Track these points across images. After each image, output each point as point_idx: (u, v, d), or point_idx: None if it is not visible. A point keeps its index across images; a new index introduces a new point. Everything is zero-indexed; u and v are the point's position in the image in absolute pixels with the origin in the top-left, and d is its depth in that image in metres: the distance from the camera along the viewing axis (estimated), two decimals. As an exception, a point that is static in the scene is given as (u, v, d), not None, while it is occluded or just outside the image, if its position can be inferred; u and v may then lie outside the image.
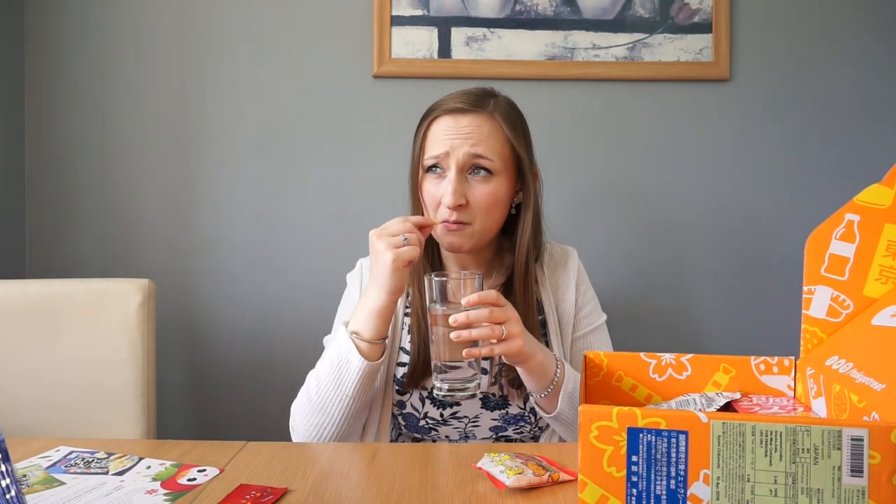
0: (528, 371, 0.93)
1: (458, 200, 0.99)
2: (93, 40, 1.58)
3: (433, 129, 1.03)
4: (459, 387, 0.88)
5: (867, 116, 1.62)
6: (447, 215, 1.00)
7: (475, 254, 1.09)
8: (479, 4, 1.57)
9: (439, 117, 1.04)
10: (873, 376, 0.54)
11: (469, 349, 0.86)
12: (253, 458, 0.83)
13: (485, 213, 1.02)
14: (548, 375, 0.94)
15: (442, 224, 1.01)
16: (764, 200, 1.62)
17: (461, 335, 0.85)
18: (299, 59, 1.60)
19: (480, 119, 1.03)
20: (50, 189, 1.59)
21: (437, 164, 1.02)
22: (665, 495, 0.50)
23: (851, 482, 0.47)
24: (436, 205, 1.02)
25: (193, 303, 1.60)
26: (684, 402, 0.68)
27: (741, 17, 1.60)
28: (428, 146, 1.03)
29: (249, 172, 1.60)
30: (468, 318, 0.85)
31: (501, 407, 1.04)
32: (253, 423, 1.60)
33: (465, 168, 1.01)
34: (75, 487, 0.74)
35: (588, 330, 1.11)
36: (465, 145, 1.00)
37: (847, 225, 0.64)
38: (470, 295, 0.87)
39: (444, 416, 1.03)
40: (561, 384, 0.95)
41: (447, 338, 0.86)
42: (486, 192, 1.01)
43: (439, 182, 1.02)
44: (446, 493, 0.72)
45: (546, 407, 0.97)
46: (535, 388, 0.96)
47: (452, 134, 1.01)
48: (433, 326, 0.89)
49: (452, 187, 0.99)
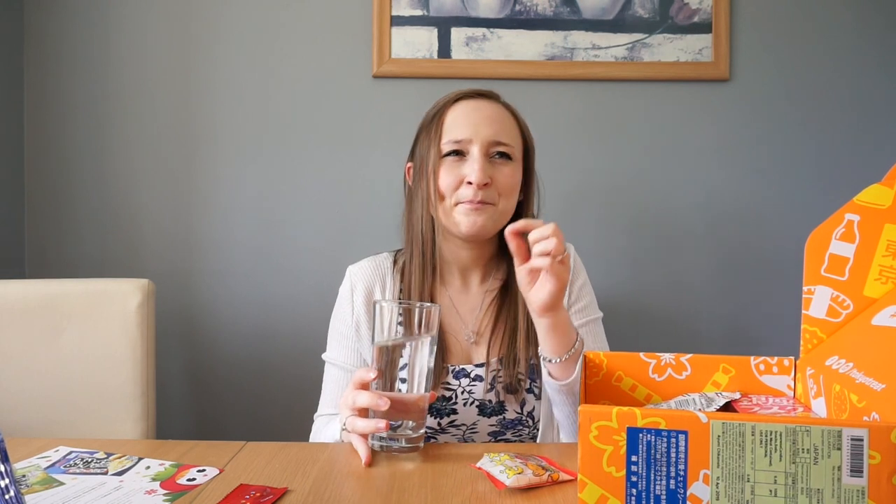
0: (554, 326, 0.90)
1: (485, 178, 0.99)
2: (93, 41, 1.58)
3: (452, 114, 1.03)
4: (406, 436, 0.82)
5: (867, 116, 1.62)
6: (471, 195, 0.99)
7: (481, 248, 1.08)
8: (479, 4, 1.57)
9: (457, 102, 1.04)
10: (873, 376, 0.54)
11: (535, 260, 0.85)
12: (253, 458, 0.82)
13: (508, 194, 1.03)
14: (570, 337, 0.92)
15: (464, 204, 1.00)
16: (764, 200, 1.62)
17: (545, 246, 0.84)
18: (299, 60, 1.60)
19: (499, 108, 1.06)
20: (50, 189, 1.59)
21: (457, 149, 1.02)
22: (665, 495, 0.50)
23: (851, 482, 0.47)
24: (454, 187, 1.01)
25: (193, 303, 1.60)
26: (684, 402, 0.68)
27: (741, 17, 1.60)
28: (447, 130, 1.02)
29: (249, 172, 1.60)
30: (553, 231, 0.84)
31: (498, 413, 1.03)
32: (253, 423, 1.60)
33: (487, 151, 1.01)
34: (74, 488, 0.74)
35: (580, 323, 1.08)
36: (489, 129, 1.01)
37: (847, 225, 0.64)
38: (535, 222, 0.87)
39: (442, 424, 1.03)
40: (581, 350, 0.93)
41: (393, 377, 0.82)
42: (508, 174, 1.02)
43: (460, 164, 1.01)
44: (446, 493, 0.72)
45: (560, 374, 0.93)
46: (553, 350, 0.92)
47: (476, 117, 1.02)
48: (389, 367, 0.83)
49: (479, 165, 0.99)
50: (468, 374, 1.03)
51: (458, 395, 1.03)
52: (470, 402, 1.03)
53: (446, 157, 1.02)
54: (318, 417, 1.09)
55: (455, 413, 1.03)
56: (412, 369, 0.83)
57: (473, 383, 1.03)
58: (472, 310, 1.09)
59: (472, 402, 1.03)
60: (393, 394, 0.82)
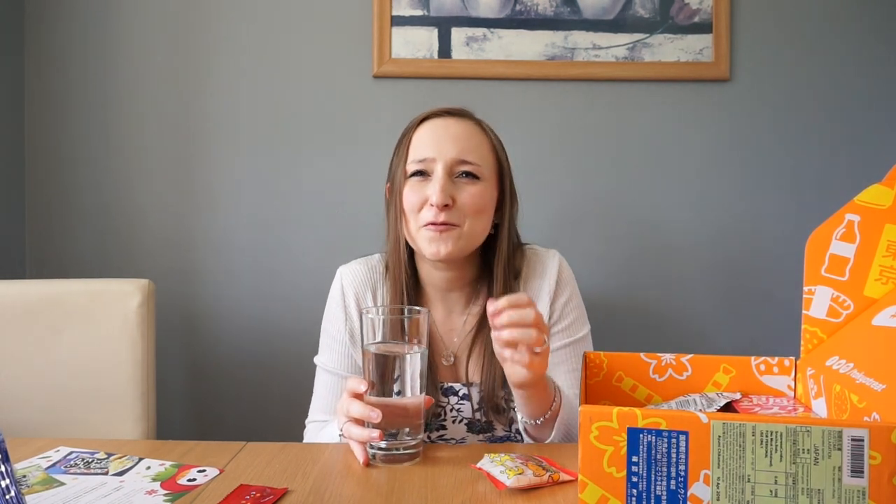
0: (530, 397, 0.85)
1: (445, 199, 0.94)
2: (93, 41, 1.58)
3: (418, 135, 1.00)
4: (405, 444, 0.82)
5: (867, 116, 1.62)
6: (433, 217, 0.95)
7: (458, 270, 1.04)
8: (479, 4, 1.57)
9: (424, 122, 1.01)
10: (874, 377, 0.54)
11: (511, 353, 0.78)
12: (253, 458, 0.82)
13: (473, 214, 0.97)
14: (546, 401, 0.87)
15: (426, 228, 0.96)
16: (764, 200, 1.62)
17: (508, 335, 0.77)
18: (299, 59, 1.60)
19: (468, 125, 1.02)
20: (50, 189, 1.59)
21: (421, 170, 0.98)
22: (665, 496, 0.50)
23: (852, 482, 0.47)
24: (417, 208, 0.97)
25: (193, 303, 1.60)
26: (684, 402, 0.68)
27: (741, 17, 1.60)
28: (412, 150, 0.99)
29: (249, 172, 1.60)
30: (533, 320, 0.77)
31: (487, 430, 1.03)
32: (253, 424, 1.60)
33: (452, 171, 0.98)
34: (75, 488, 0.74)
35: (560, 346, 1.03)
36: (453, 149, 0.97)
37: (847, 225, 0.64)
38: (518, 297, 0.78)
39: (432, 437, 1.02)
40: (557, 412, 0.88)
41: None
42: (473, 193, 0.97)
43: (424, 185, 0.98)
44: (446, 493, 0.72)
45: (537, 435, 0.91)
46: (530, 414, 0.88)
47: (440, 137, 0.98)
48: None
49: (440, 185, 0.95)
50: (456, 392, 1.03)
51: (446, 411, 1.02)
52: (459, 419, 1.02)
53: (411, 177, 0.99)
54: (311, 423, 1.07)
55: (444, 429, 1.03)
56: (405, 375, 0.82)
57: (461, 402, 1.02)
58: (452, 331, 1.07)
59: (460, 420, 1.02)
60: (388, 400, 0.82)
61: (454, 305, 1.07)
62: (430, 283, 1.06)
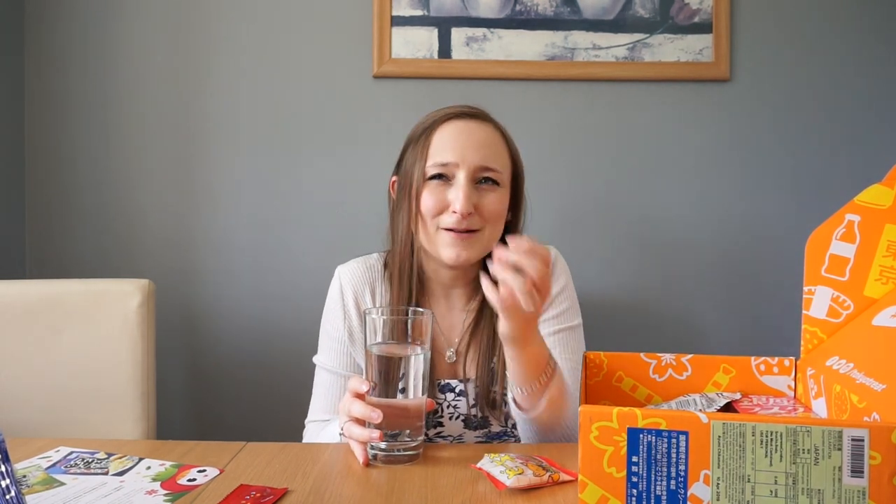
0: (517, 357, 0.84)
1: (469, 208, 0.95)
2: (93, 41, 1.58)
3: (440, 135, 0.99)
4: (404, 444, 0.82)
5: (867, 116, 1.62)
6: (454, 223, 0.96)
7: (463, 269, 1.03)
8: (479, 4, 1.57)
9: (447, 122, 1.00)
10: (874, 377, 0.54)
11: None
12: (253, 458, 0.82)
13: (494, 221, 0.99)
14: (538, 369, 0.86)
15: (445, 233, 0.97)
16: (764, 200, 1.62)
17: (516, 257, 0.76)
18: (299, 59, 1.60)
19: (490, 130, 1.01)
20: (50, 189, 1.59)
21: (443, 173, 0.98)
22: (665, 496, 0.50)
23: (852, 483, 0.47)
24: (436, 212, 0.97)
25: (193, 303, 1.60)
26: (684, 402, 0.68)
27: (741, 17, 1.60)
28: (433, 151, 0.98)
29: (249, 172, 1.60)
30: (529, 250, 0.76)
31: (483, 426, 1.03)
32: (253, 424, 1.60)
33: (474, 177, 0.98)
34: (75, 488, 0.74)
35: (552, 331, 1.03)
36: (477, 155, 0.97)
37: (847, 225, 0.64)
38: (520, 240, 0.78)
39: (430, 435, 1.03)
40: (549, 383, 0.87)
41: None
42: (494, 200, 0.99)
43: (445, 189, 0.97)
44: (446, 493, 0.72)
45: (525, 404, 0.88)
46: (521, 378, 0.86)
47: (464, 140, 0.98)
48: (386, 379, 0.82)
49: (464, 193, 0.95)
50: (453, 389, 1.03)
51: (443, 408, 1.03)
52: (455, 416, 1.03)
53: (431, 179, 0.98)
54: (310, 423, 1.07)
55: (441, 426, 1.03)
56: (407, 376, 0.82)
57: (458, 398, 1.03)
58: (454, 327, 1.07)
59: (457, 417, 1.03)
60: (390, 401, 0.82)
61: (456, 301, 1.08)
62: (434, 279, 1.07)
